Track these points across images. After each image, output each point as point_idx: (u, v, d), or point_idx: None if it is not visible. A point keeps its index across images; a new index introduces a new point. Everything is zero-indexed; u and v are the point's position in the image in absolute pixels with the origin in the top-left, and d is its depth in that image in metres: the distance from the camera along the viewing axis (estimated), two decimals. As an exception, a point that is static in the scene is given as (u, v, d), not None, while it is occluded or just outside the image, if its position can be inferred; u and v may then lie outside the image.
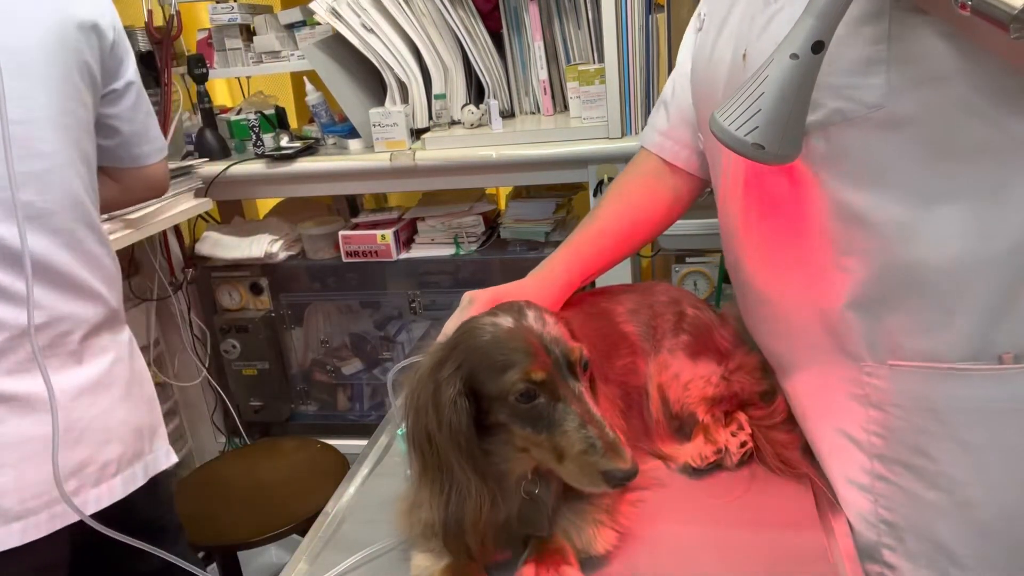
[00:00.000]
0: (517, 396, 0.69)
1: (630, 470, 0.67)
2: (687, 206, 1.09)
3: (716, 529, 0.82)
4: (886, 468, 0.79)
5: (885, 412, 0.78)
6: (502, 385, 0.69)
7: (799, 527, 0.81)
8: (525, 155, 1.75)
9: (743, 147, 0.69)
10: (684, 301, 1.03)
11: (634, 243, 1.09)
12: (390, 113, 1.84)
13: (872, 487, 0.80)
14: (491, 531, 0.73)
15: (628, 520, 0.81)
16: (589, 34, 1.83)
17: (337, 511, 0.94)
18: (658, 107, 1.08)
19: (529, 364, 0.69)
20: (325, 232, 2.08)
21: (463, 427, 0.70)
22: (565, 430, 0.69)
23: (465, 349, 0.72)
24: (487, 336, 0.72)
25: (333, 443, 1.98)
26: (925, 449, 0.76)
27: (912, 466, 0.77)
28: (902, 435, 0.77)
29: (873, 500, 0.80)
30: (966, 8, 0.57)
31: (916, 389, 0.76)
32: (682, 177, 1.05)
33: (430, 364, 0.74)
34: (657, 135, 1.06)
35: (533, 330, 0.71)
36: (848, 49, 0.68)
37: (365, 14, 1.82)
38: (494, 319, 0.73)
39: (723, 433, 0.90)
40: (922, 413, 0.75)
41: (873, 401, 0.78)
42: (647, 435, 0.94)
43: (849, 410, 0.81)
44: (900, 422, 0.77)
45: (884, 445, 0.78)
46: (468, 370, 0.71)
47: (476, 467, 0.71)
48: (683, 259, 1.85)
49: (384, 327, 2.25)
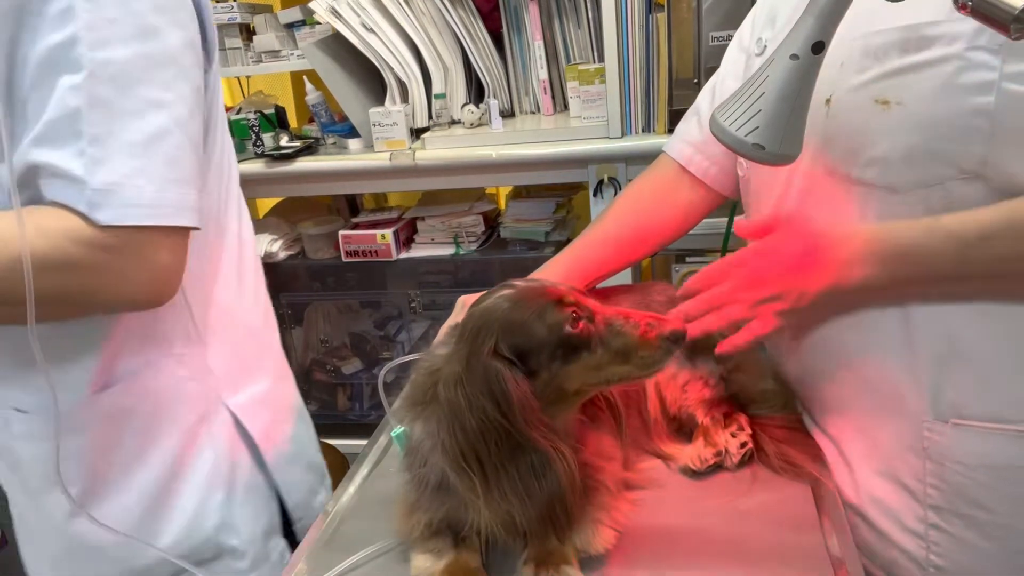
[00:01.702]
0: (569, 323, 0.71)
1: (680, 330, 0.72)
2: (700, 219, 1.07)
3: (716, 529, 0.82)
4: (941, 519, 0.79)
5: (944, 466, 0.78)
6: (549, 326, 0.71)
7: (799, 527, 0.81)
8: (525, 155, 1.75)
9: (743, 147, 0.69)
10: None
11: (639, 253, 1.08)
12: (390, 113, 1.84)
13: (926, 535, 0.81)
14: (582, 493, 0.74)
15: (627, 519, 0.81)
16: (589, 34, 1.83)
17: (337, 511, 0.94)
18: (688, 118, 1.06)
19: (559, 297, 0.72)
20: (325, 232, 2.08)
21: (531, 395, 0.70)
22: (618, 331, 0.72)
23: (489, 327, 0.71)
24: (505, 304, 0.72)
25: (333, 443, 1.98)
26: (983, 502, 0.77)
27: (968, 517, 0.78)
28: (960, 488, 0.78)
29: (926, 547, 0.81)
30: (966, 8, 0.57)
31: (978, 448, 0.76)
32: (701, 191, 1.04)
33: (455, 367, 0.71)
34: (687, 147, 1.04)
35: (535, 283, 0.74)
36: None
37: (365, 13, 1.82)
38: (498, 293, 0.74)
39: (723, 435, 0.90)
40: (982, 470, 0.76)
41: (932, 455, 0.79)
42: (646, 435, 0.94)
43: (905, 460, 0.81)
44: (959, 477, 0.77)
45: (940, 496, 0.79)
46: (506, 341, 0.71)
47: (555, 429, 0.72)
48: (683, 259, 1.85)
49: (384, 327, 2.25)
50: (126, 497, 0.86)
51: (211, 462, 0.90)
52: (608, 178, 1.73)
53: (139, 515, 0.86)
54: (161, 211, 0.70)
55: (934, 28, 0.70)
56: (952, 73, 0.69)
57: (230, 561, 0.92)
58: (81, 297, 0.70)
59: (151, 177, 0.69)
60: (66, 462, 0.78)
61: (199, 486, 0.89)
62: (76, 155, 0.66)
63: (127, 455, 0.85)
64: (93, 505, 0.84)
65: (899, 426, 0.81)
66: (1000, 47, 0.66)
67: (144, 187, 0.68)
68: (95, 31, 0.66)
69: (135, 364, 0.83)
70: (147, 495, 0.86)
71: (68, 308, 0.72)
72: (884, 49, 0.73)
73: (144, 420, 0.85)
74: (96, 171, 0.66)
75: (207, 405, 0.90)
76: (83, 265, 0.67)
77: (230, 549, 0.91)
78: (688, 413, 0.93)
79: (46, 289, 0.66)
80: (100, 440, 0.83)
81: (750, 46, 0.94)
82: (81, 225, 0.66)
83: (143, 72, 0.69)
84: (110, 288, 0.70)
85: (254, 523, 0.94)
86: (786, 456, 0.89)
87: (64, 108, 0.66)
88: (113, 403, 0.83)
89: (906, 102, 0.72)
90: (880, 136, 0.74)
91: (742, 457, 0.90)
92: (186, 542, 0.89)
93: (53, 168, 0.66)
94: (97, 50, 0.66)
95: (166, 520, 0.88)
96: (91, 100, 0.66)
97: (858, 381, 0.84)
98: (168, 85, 0.71)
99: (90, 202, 0.66)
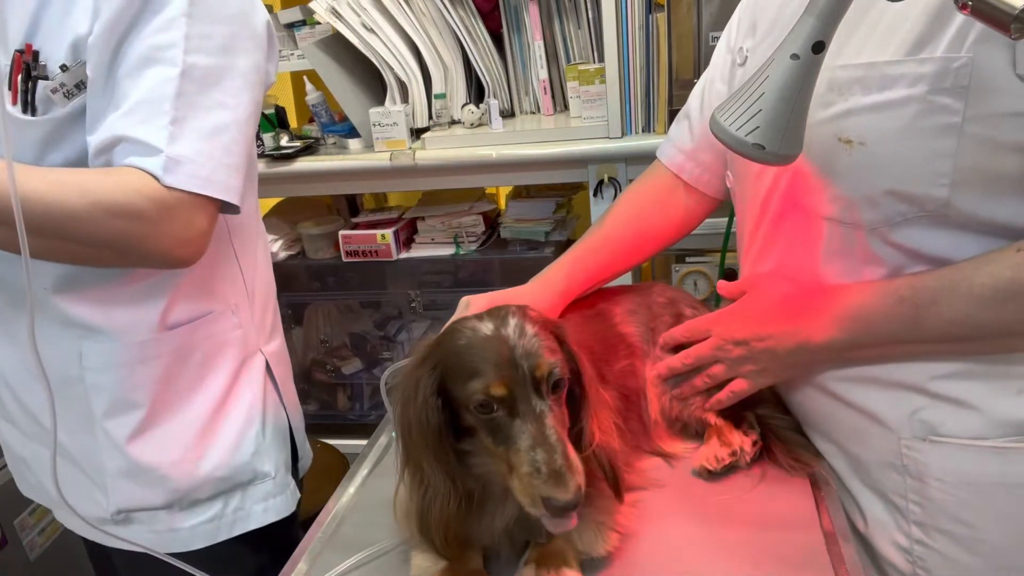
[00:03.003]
0: (476, 406, 0.70)
1: (570, 500, 0.65)
2: (699, 222, 1.08)
3: (716, 529, 0.82)
4: (925, 534, 0.79)
5: (924, 483, 0.78)
6: (465, 392, 0.70)
7: (800, 527, 0.81)
8: (525, 155, 1.75)
9: (743, 147, 0.69)
10: (682, 302, 1.02)
11: (640, 256, 1.08)
12: (390, 113, 1.84)
13: (911, 549, 0.81)
14: (457, 531, 0.74)
15: (629, 521, 0.81)
16: (589, 34, 1.83)
17: (337, 511, 0.94)
18: (680, 120, 1.05)
19: (491, 377, 0.69)
20: (325, 232, 2.08)
21: (433, 426, 0.72)
22: (517, 448, 0.68)
23: (443, 351, 0.73)
24: (463, 341, 0.72)
25: (333, 443, 1.98)
26: (965, 518, 0.77)
27: (951, 533, 0.78)
28: (942, 505, 0.78)
29: (912, 562, 0.81)
30: (966, 8, 0.57)
31: (956, 465, 0.76)
32: (697, 197, 1.04)
33: (414, 362, 0.75)
34: (679, 153, 1.04)
35: (507, 341, 0.70)
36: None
37: (365, 13, 1.82)
38: (476, 324, 0.73)
39: (736, 434, 0.90)
40: (962, 486, 0.76)
41: (912, 472, 0.79)
42: (646, 435, 0.94)
43: (887, 477, 0.82)
44: (940, 494, 0.77)
45: (923, 513, 0.79)
46: (442, 371, 0.72)
47: (446, 467, 0.72)
48: (683, 259, 1.85)
49: (384, 327, 2.25)
50: (181, 423, 1.00)
51: (249, 399, 1.06)
52: (608, 178, 1.73)
53: (191, 439, 1.00)
54: (212, 185, 0.86)
55: (896, 68, 0.69)
56: (914, 116, 0.69)
57: (261, 485, 1.06)
58: (132, 243, 0.83)
59: (210, 157, 0.85)
60: (135, 389, 0.96)
61: (240, 419, 1.04)
62: (159, 129, 0.82)
63: (185, 386, 1.00)
64: (153, 427, 0.98)
65: (878, 444, 0.81)
66: (963, 89, 0.66)
67: (204, 164, 0.85)
68: (191, 41, 0.84)
69: (199, 310, 1.01)
70: (198, 423, 1.01)
71: (117, 254, 0.85)
72: (848, 84, 0.73)
73: (201, 358, 1.01)
74: (172, 144, 0.83)
75: (248, 351, 1.07)
76: (145, 216, 0.82)
77: (263, 474, 1.06)
78: (694, 416, 0.93)
79: (111, 232, 0.81)
80: (165, 371, 0.98)
81: (734, 53, 0.94)
82: (152, 184, 0.82)
83: (218, 79, 0.87)
84: (156, 239, 0.84)
85: (278, 454, 1.09)
86: (794, 454, 0.89)
87: (157, 93, 0.83)
88: (179, 341, 0.99)
89: (868, 143, 0.72)
90: (842, 175, 0.75)
91: (754, 455, 0.90)
92: (228, 464, 1.03)
93: (136, 138, 0.82)
94: (190, 55, 0.84)
95: (211, 446, 1.02)
96: (179, 91, 0.83)
97: (836, 402, 0.85)
98: (235, 93, 0.89)
99: (163, 167, 0.82)
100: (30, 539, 1.73)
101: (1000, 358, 0.74)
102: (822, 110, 0.74)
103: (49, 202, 0.78)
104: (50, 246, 0.81)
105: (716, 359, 0.88)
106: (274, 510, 1.07)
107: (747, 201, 0.91)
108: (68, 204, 0.79)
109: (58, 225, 0.79)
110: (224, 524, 1.04)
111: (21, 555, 1.70)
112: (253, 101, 0.93)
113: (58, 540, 1.78)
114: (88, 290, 0.93)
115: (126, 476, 0.99)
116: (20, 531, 1.70)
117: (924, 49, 0.68)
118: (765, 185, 0.85)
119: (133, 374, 0.96)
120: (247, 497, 1.05)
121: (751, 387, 0.88)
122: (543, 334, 0.72)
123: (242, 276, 1.07)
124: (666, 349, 0.95)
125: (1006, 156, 0.67)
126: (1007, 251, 0.69)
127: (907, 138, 0.69)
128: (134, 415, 0.97)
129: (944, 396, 0.76)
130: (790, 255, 0.85)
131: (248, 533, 1.05)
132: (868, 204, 0.74)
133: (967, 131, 0.67)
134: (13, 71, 0.84)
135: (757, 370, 0.86)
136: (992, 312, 0.69)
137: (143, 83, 0.83)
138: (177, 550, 1.01)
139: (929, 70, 0.67)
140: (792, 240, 0.84)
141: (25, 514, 1.71)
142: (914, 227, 0.73)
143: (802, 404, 0.91)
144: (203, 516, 1.02)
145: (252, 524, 1.05)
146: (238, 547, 1.05)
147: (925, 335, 0.74)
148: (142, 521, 1.01)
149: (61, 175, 0.81)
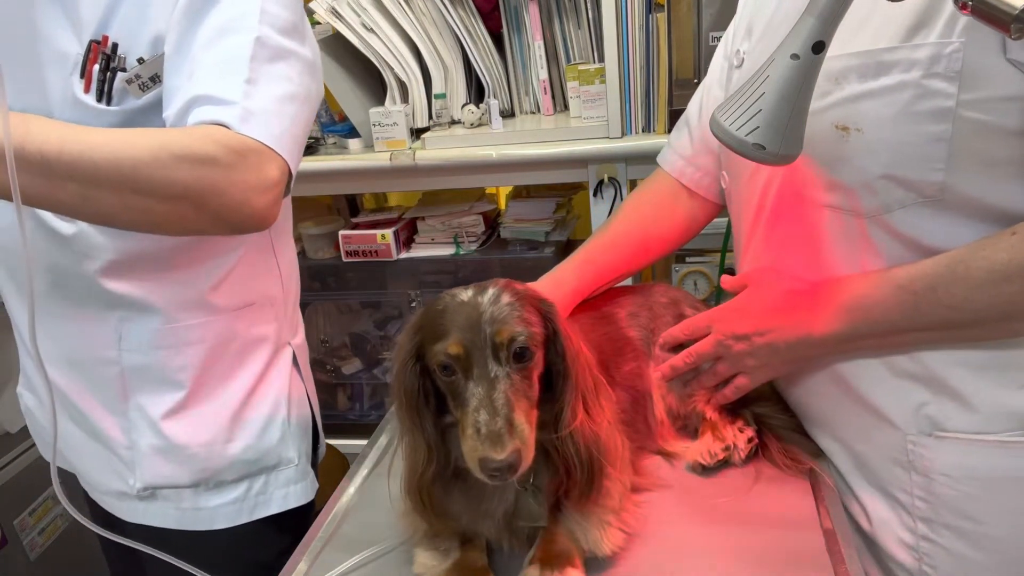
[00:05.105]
0: (439, 367, 0.71)
1: (503, 461, 0.64)
2: (704, 226, 1.09)
3: (717, 529, 0.82)
4: (931, 530, 0.80)
5: (930, 479, 0.78)
6: (431, 354, 0.71)
7: (800, 527, 0.81)
8: (525, 155, 1.75)
9: (744, 147, 0.69)
10: (683, 302, 1.03)
11: (646, 258, 1.09)
12: (390, 113, 1.84)
13: (917, 546, 0.81)
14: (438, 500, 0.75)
15: (635, 520, 0.81)
16: (589, 34, 1.83)
17: (337, 511, 0.94)
18: (680, 127, 1.06)
19: (452, 338, 0.69)
20: (325, 232, 2.08)
21: (409, 390, 0.73)
22: (465, 409, 0.69)
23: (424, 316, 0.74)
24: (441, 306, 0.73)
25: (333, 443, 1.98)
26: (971, 513, 0.77)
27: (957, 528, 0.78)
28: (948, 500, 0.78)
29: (918, 558, 0.81)
30: (966, 8, 0.57)
31: (962, 460, 0.77)
32: (699, 201, 1.05)
33: (405, 329, 0.77)
34: (679, 159, 1.05)
35: (479, 307, 0.70)
36: None
37: (365, 13, 1.82)
38: (457, 292, 0.74)
39: (731, 430, 0.90)
40: (968, 481, 0.76)
41: (918, 468, 0.79)
42: (651, 438, 0.94)
43: (892, 473, 0.82)
44: (946, 489, 0.78)
45: (929, 509, 0.79)
46: (422, 336, 0.73)
47: (422, 426, 0.74)
48: (683, 259, 1.85)
49: (384, 327, 2.25)
50: (216, 406, 1.04)
51: (277, 387, 1.10)
52: (608, 178, 1.73)
53: (224, 422, 1.04)
54: (283, 145, 0.87)
55: (891, 54, 0.70)
56: (909, 101, 0.69)
57: (284, 471, 1.10)
58: (206, 193, 0.81)
59: (281, 120, 0.87)
60: (179, 371, 1.00)
61: (268, 405, 1.08)
62: (236, 86, 0.84)
63: (223, 372, 1.05)
64: (190, 407, 1.03)
65: (884, 440, 0.81)
66: (956, 74, 0.66)
67: (276, 123, 0.86)
68: (267, 13, 0.87)
69: (241, 301, 1.05)
70: (231, 406, 1.05)
71: (193, 206, 0.82)
72: (844, 73, 0.73)
73: (240, 345, 1.05)
74: (248, 98, 0.84)
75: (280, 341, 1.12)
76: (218, 161, 0.80)
77: (287, 460, 1.10)
78: (694, 410, 0.93)
79: (180, 178, 0.79)
80: (207, 356, 1.02)
81: (730, 57, 0.95)
82: (226, 132, 0.82)
83: (286, 56, 0.89)
84: (230, 188, 0.82)
85: (301, 442, 1.13)
86: (790, 453, 0.89)
87: (235, 55, 0.85)
88: (223, 327, 1.03)
89: (865, 129, 0.72)
90: (840, 163, 0.75)
91: (748, 452, 0.90)
92: (256, 448, 1.07)
93: (211, 95, 0.83)
94: (264, 25, 0.86)
95: (241, 429, 1.06)
96: (254, 55, 0.85)
97: (841, 397, 0.85)
98: (299, 75, 0.91)
99: (239, 117, 0.83)
100: (30, 539, 1.72)
101: (1002, 351, 0.74)
102: (819, 100, 0.74)
103: (116, 149, 0.77)
104: (123, 202, 0.79)
105: (718, 355, 0.88)
106: (294, 496, 1.10)
107: (743, 199, 0.91)
108: (136, 151, 0.77)
109: (128, 174, 0.77)
110: (246, 507, 1.07)
111: (21, 555, 1.70)
112: (316, 92, 0.95)
113: (58, 540, 1.78)
114: (139, 274, 0.96)
115: (159, 453, 1.02)
116: (20, 531, 1.70)
117: (918, 35, 0.69)
118: (762, 180, 0.86)
119: (178, 355, 1.00)
120: (270, 482, 1.09)
121: (752, 382, 0.88)
122: (523, 306, 0.72)
123: (279, 270, 1.11)
124: (667, 348, 0.95)
125: (1000, 140, 0.67)
126: (1003, 234, 0.69)
127: (902, 123, 0.70)
128: (174, 395, 1.01)
129: (948, 389, 0.76)
130: (790, 248, 0.85)
131: (268, 518, 1.09)
132: (866, 191, 0.74)
133: (961, 115, 0.67)
134: (88, 60, 0.86)
135: (757, 365, 0.86)
136: (989, 295, 0.69)
137: (218, 50, 0.85)
138: (200, 528, 1.05)
139: (923, 55, 0.68)
140: (792, 233, 0.84)
141: (25, 514, 1.71)
142: (912, 214, 0.73)
143: (805, 402, 0.91)
144: (228, 497, 1.06)
145: (273, 508, 1.09)
146: (259, 529, 1.09)
147: (925, 322, 0.74)
148: (167, 498, 1.05)
149: (130, 131, 0.82)
